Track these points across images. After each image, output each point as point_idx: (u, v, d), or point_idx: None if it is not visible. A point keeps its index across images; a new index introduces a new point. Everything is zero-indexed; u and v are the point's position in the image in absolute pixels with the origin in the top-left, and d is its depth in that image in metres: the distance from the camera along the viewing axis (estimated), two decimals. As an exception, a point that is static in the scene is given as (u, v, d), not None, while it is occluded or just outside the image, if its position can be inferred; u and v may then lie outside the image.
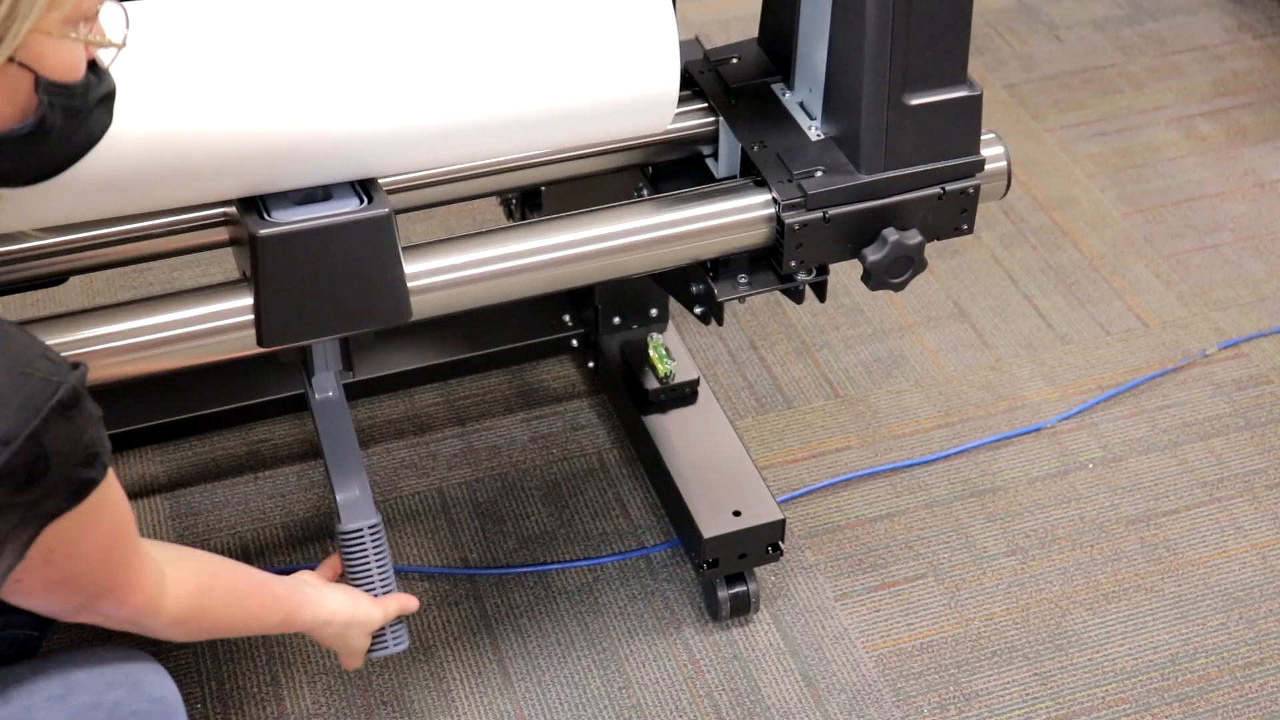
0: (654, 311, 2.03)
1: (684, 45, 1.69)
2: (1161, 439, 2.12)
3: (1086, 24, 2.90)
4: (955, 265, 2.38)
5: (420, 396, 2.13)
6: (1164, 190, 2.53)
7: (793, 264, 1.54)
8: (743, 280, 1.59)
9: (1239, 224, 2.47)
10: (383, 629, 1.59)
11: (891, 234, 1.53)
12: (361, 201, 1.38)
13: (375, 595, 1.58)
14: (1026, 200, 2.50)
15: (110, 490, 1.19)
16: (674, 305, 2.04)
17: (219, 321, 1.39)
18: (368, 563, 1.58)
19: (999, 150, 1.62)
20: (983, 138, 1.60)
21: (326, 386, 1.61)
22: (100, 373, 1.37)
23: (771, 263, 1.56)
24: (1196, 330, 2.28)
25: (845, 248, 1.54)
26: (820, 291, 1.62)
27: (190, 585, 1.36)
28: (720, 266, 1.58)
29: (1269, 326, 2.28)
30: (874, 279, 1.55)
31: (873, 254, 1.54)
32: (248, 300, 1.40)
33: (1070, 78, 2.77)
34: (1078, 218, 2.48)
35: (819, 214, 1.51)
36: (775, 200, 1.52)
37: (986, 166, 1.59)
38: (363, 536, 1.57)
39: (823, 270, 1.59)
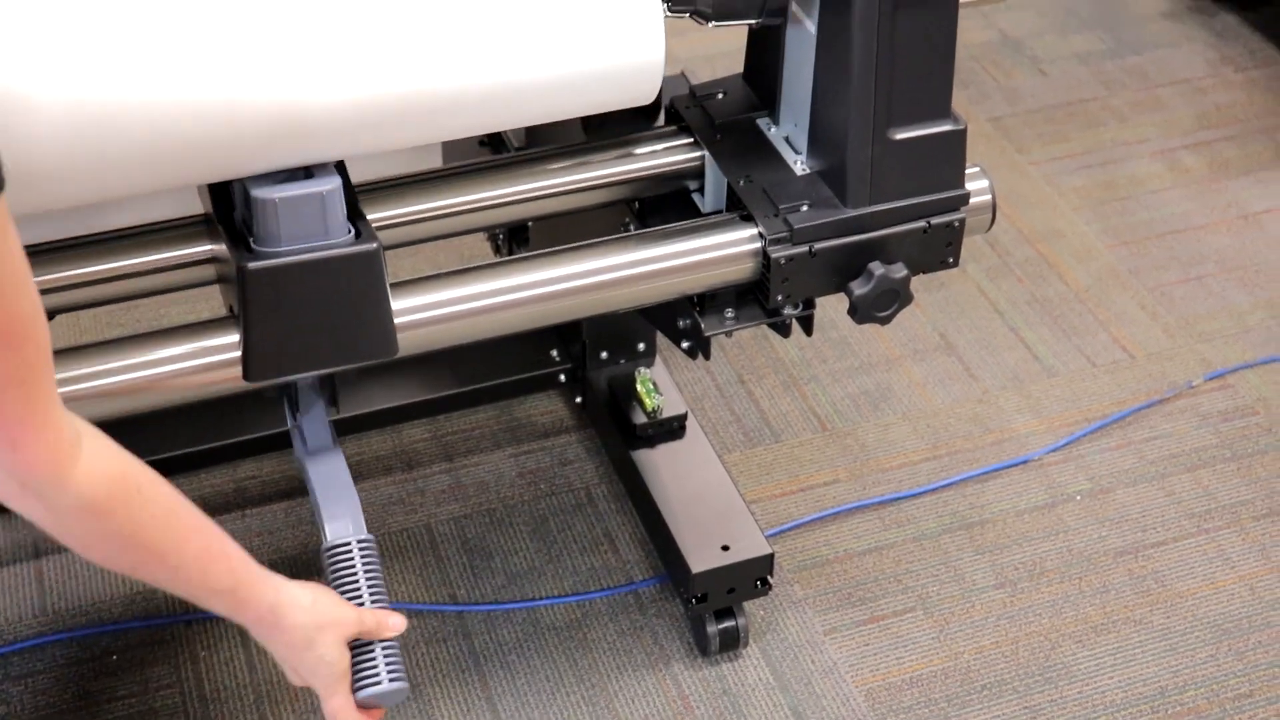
0: (641, 346, 2.03)
1: (670, 80, 1.70)
2: (1149, 470, 2.12)
3: (1070, 58, 2.92)
4: (941, 298, 2.39)
5: (408, 432, 2.13)
6: (1148, 223, 2.55)
7: (779, 298, 1.54)
8: (729, 315, 1.59)
9: (1223, 256, 2.48)
10: (373, 652, 1.41)
11: (877, 268, 1.53)
12: (349, 232, 1.38)
13: None
14: (1012, 233, 2.51)
15: (5, 230, 0.99)
16: (661, 339, 2.04)
17: (206, 358, 1.39)
18: (357, 584, 1.45)
19: (984, 184, 1.63)
20: (967, 171, 1.61)
21: (312, 414, 1.59)
22: (88, 411, 1.36)
23: (758, 297, 1.56)
24: (1182, 362, 2.29)
25: (831, 281, 1.55)
26: (807, 325, 1.62)
27: (114, 469, 1.16)
28: (707, 301, 1.58)
29: (1254, 358, 2.29)
30: (860, 313, 1.56)
31: (859, 288, 1.54)
32: (234, 336, 1.39)
33: (1054, 111, 2.79)
34: (1063, 250, 2.49)
35: (805, 248, 1.52)
36: (761, 235, 1.52)
37: (971, 200, 1.60)
38: (350, 552, 1.47)
39: (809, 304, 1.60)
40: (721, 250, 1.53)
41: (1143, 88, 2.85)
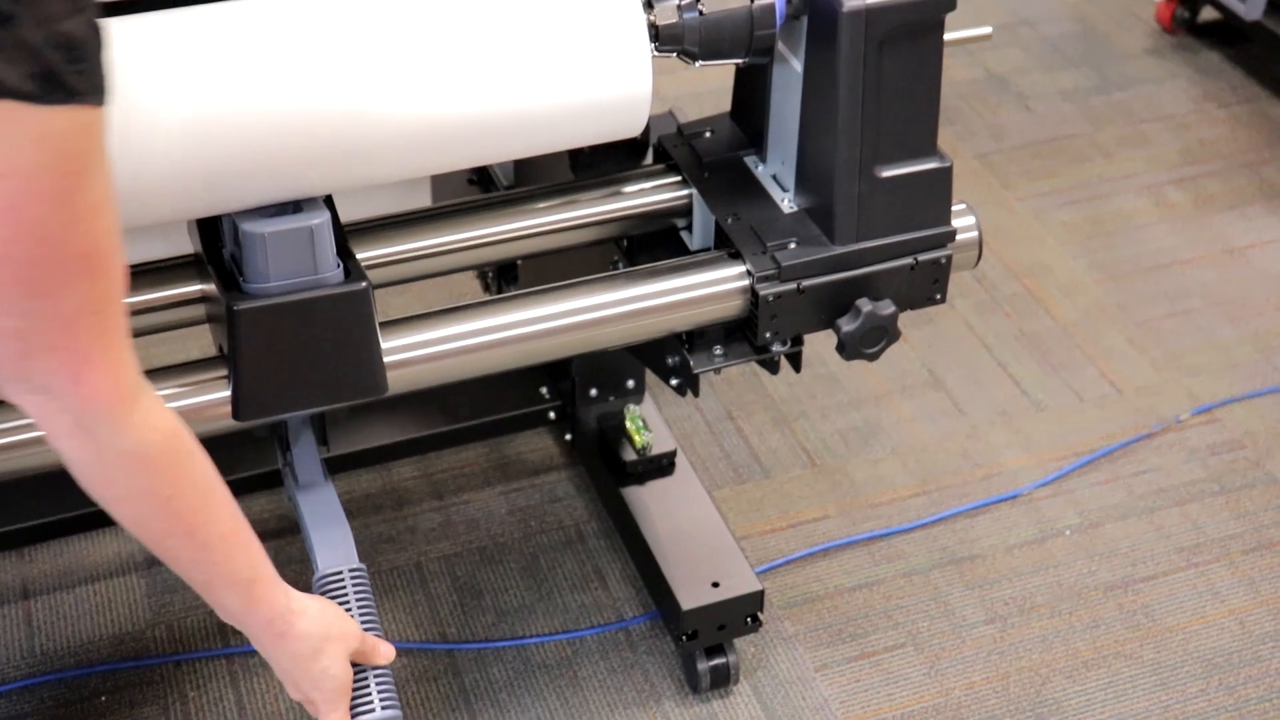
0: (631, 383, 2.03)
1: (658, 119, 1.71)
2: (1138, 505, 2.12)
3: (1055, 94, 2.94)
4: (930, 334, 2.40)
5: (398, 470, 2.13)
6: (1135, 257, 2.56)
7: (767, 335, 1.54)
8: (718, 352, 1.59)
9: (1209, 290, 2.49)
10: (366, 681, 1.42)
11: (865, 304, 1.54)
12: (338, 267, 1.39)
13: None
14: (999, 268, 2.52)
15: (101, 149, 1.00)
16: (651, 376, 2.05)
17: (195, 398, 1.39)
18: (349, 613, 1.45)
19: (970, 220, 1.64)
20: (954, 208, 1.62)
21: (303, 451, 1.59)
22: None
23: (746, 334, 1.57)
24: (1170, 396, 2.30)
25: (819, 318, 1.56)
26: (795, 362, 1.63)
27: (170, 424, 1.15)
28: (695, 338, 1.59)
29: (1241, 392, 2.30)
30: (848, 349, 1.56)
31: (847, 324, 1.55)
32: (224, 375, 1.40)
33: (1040, 147, 2.81)
34: (1050, 285, 2.50)
35: (793, 285, 1.52)
36: (749, 272, 1.53)
37: (958, 237, 1.61)
38: (343, 581, 1.47)
39: (797, 341, 1.60)
40: (710, 288, 1.54)
41: (1128, 124, 2.87)
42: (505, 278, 2.05)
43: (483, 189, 1.94)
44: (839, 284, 1.54)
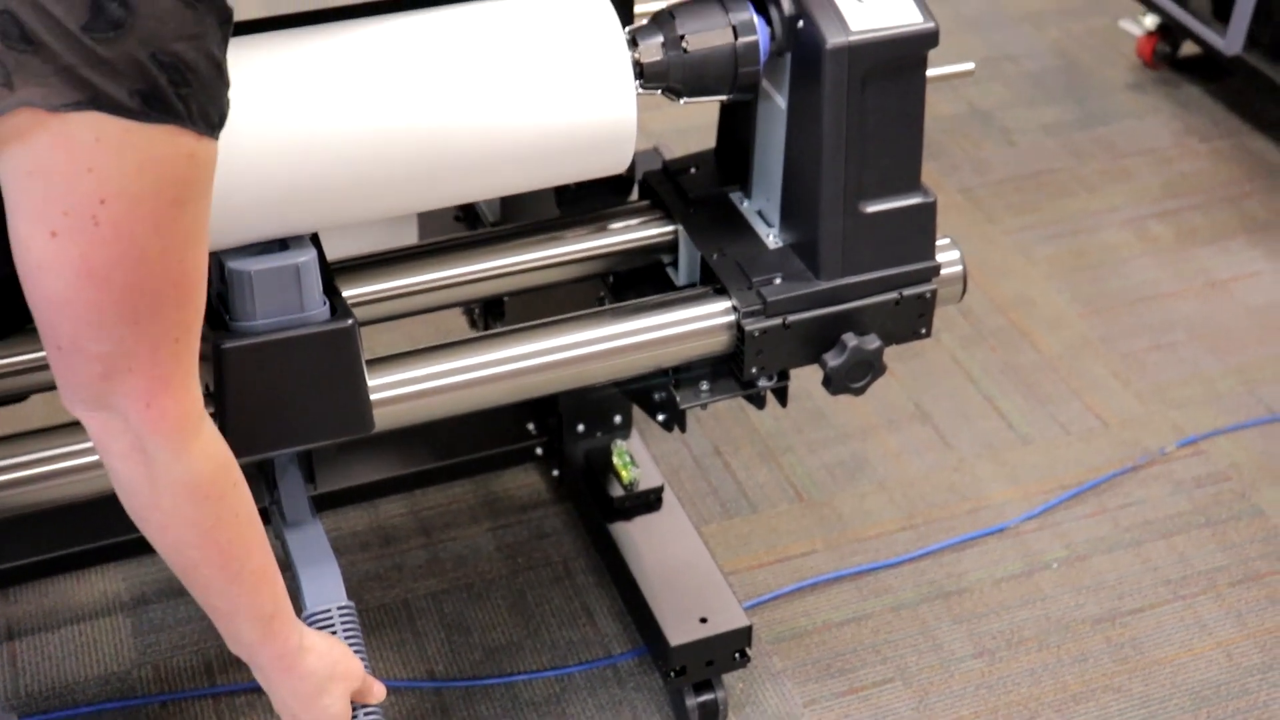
0: (618, 419, 2.03)
1: (643, 155, 1.72)
2: (1124, 537, 2.13)
3: (1038, 129, 2.96)
4: (916, 367, 2.40)
5: (385, 507, 2.12)
6: (1119, 290, 2.57)
7: (754, 370, 1.55)
8: (704, 387, 1.60)
9: (1193, 323, 2.50)
10: (355, 718, 1.42)
11: (851, 339, 1.55)
12: (324, 304, 1.39)
13: None
14: (984, 302, 2.53)
15: (204, 181, 1.02)
16: (638, 411, 2.05)
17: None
18: None
19: (955, 255, 1.64)
20: (938, 243, 1.63)
21: (290, 489, 1.59)
22: (65, 491, 1.36)
23: (732, 369, 1.57)
24: (1155, 428, 2.30)
25: (805, 353, 1.56)
26: (782, 397, 1.63)
27: (224, 456, 1.18)
28: (682, 374, 1.59)
29: (1225, 424, 2.31)
30: (834, 384, 1.57)
31: (833, 359, 1.55)
32: (210, 413, 1.39)
33: (1024, 181, 2.82)
34: (1035, 319, 2.51)
35: (779, 320, 1.53)
36: (735, 308, 1.53)
37: (943, 271, 1.62)
38: (331, 618, 1.47)
39: (784, 375, 1.61)
40: (696, 324, 1.54)
41: (1110, 158, 2.88)
42: (492, 314, 2.06)
43: (469, 226, 1.94)
44: (824, 319, 1.54)
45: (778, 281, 1.54)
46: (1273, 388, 2.37)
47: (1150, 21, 3.05)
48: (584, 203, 1.70)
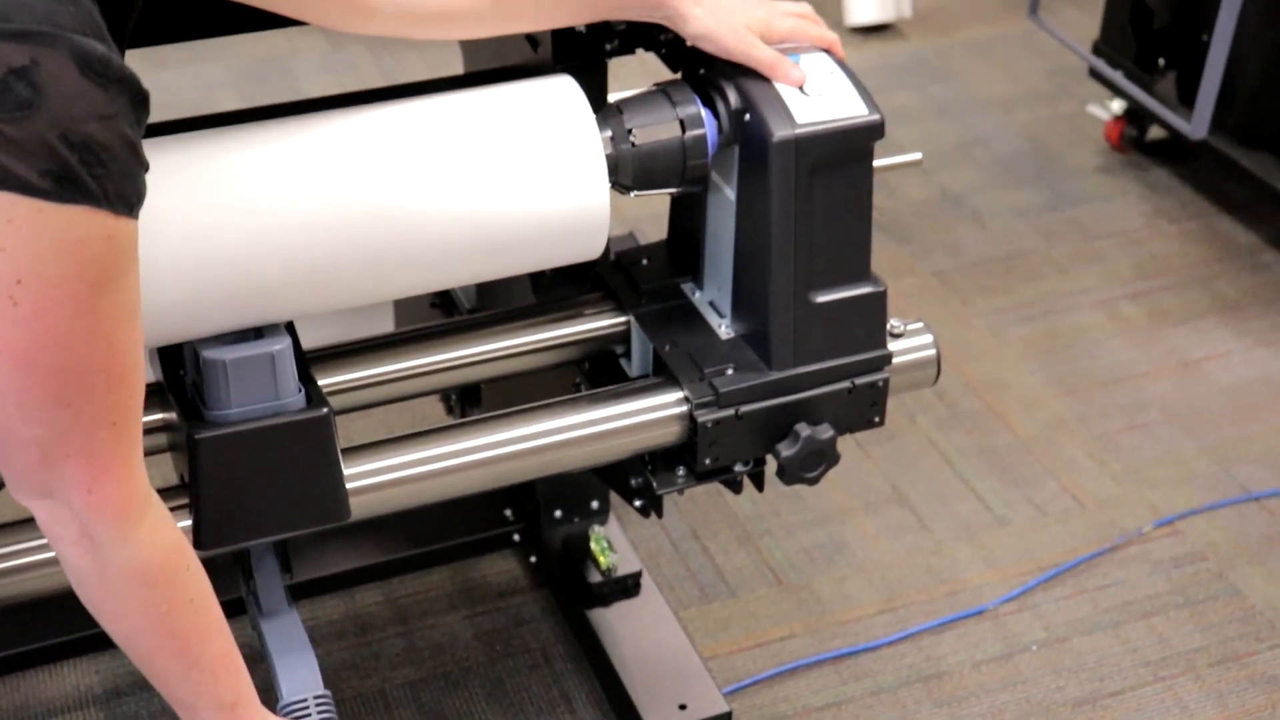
0: (595, 504, 2.03)
1: (618, 240, 1.73)
2: (1103, 619, 2.13)
3: (1009, 212, 2.99)
4: (892, 450, 2.41)
5: (361, 596, 2.11)
6: (1092, 371, 2.59)
7: (707, 461, 1.54)
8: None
9: (1166, 403, 2.52)
10: None
11: (804, 429, 1.53)
12: (299, 391, 1.39)
13: None
14: (959, 384, 2.55)
15: (124, 262, 1.00)
16: (615, 496, 2.05)
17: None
18: None
19: (928, 339, 1.65)
20: (911, 326, 1.64)
21: (266, 578, 1.58)
22: (37, 585, 1.35)
23: (686, 461, 1.56)
24: (1131, 509, 2.31)
25: (758, 443, 1.55)
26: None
27: (174, 540, 1.16)
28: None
29: (1202, 503, 2.32)
30: (788, 474, 1.55)
31: (786, 449, 1.54)
32: (185, 504, 1.39)
33: (996, 264, 2.85)
34: (1010, 400, 2.52)
35: (731, 411, 1.52)
36: (687, 399, 1.52)
37: (917, 354, 1.63)
38: (308, 709, 1.46)
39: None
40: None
41: (1081, 240, 2.91)
42: (468, 401, 2.06)
43: (445, 313, 1.95)
44: (777, 409, 1.53)
45: (730, 372, 1.53)
46: (1247, 467, 2.38)
47: (1117, 106, 3.10)
48: (559, 289, 1.70)
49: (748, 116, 1.47)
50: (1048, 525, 2.28)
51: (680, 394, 1.53)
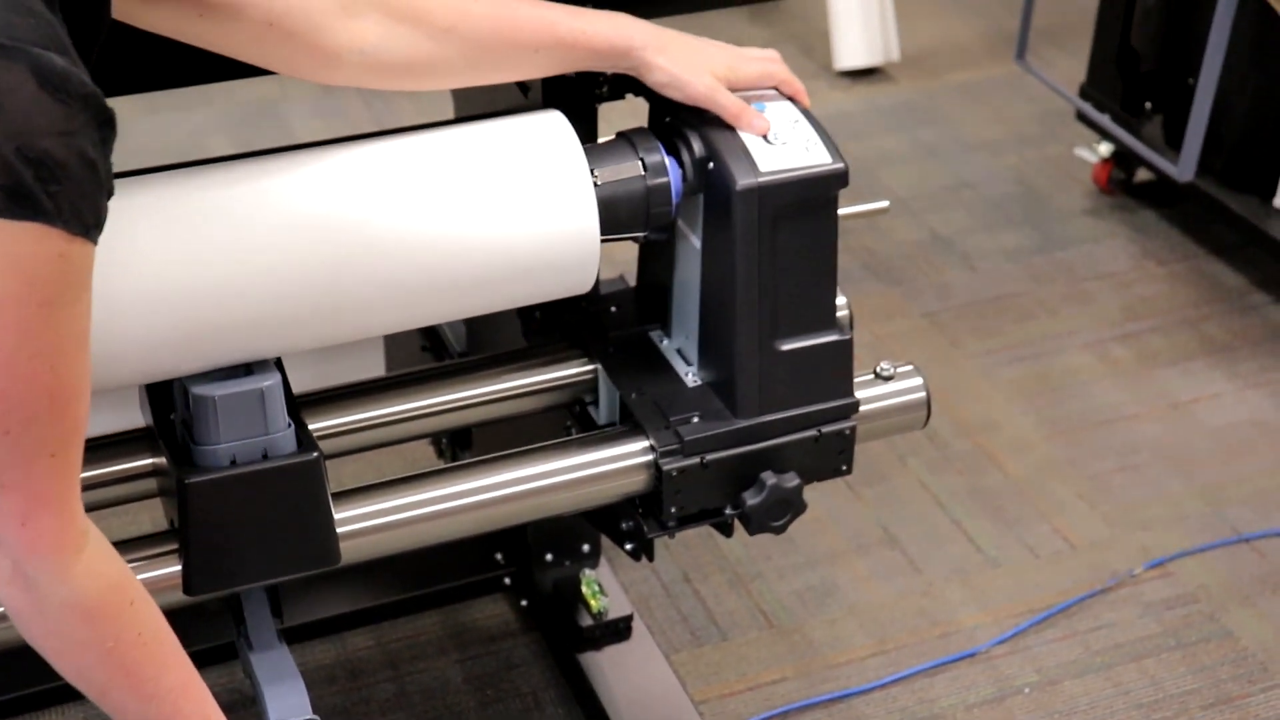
0: (586, 547, 2.03)
1: (608, 284, 1.73)
2: (1095, 661, 2.12)
3: (998, 254, 3.00)
4: (883, 492, 2.41)
5: (351, 640, 2.10)
6: (1082, 413, 2.59)
7: (673, 510, 1.52)
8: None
9: (1156, 444, 2.52)
10: None
11: (770, 477, 1.52)
12: (288, 426, 1.39)
13: None
14: (950, 425, 2.55)
15: (76, 285, 0.96)
16: (606, 539, 2.04)
17: (146, 573, 1.38)
18: None
19: (918, 381, 1.65)
20: (901, 369, 1.64)
21: (257, 621, 1.57)
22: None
23: (651, 510, 1.54)
24: (1122, 550, 2.31)
25: (724, 492, 1.53)
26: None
27: (115, 575, 1.11)
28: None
29: (1193, 545, 2.32)
30: (754, 523, 1.54)
31: (751, 498, 1.52)
32: (174, 550, 1.39)
33: (986, 306, 2.86)
34: (1000, 442, 2.52)
35: (696, 460, 1.50)
36: (653, 447, 1.51)
37: (907, 397, 1.63)
38: None
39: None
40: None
41: (1070, 282, 2.92)
42: (459, 444, 2.06)
43: (435, 356, 1.95)
44: (743, 458, 1.51)
45: (695, 420, 1.52)
46: (1238, 508, 2.39)
47: (1105, 149, 3.12)
48: (551, 333, 1.70)
49: (712, 165, 1.46)
50: (1039, 567, 2.28)
51: (646, 442, 1.51)
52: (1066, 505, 2.40)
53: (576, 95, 1.55)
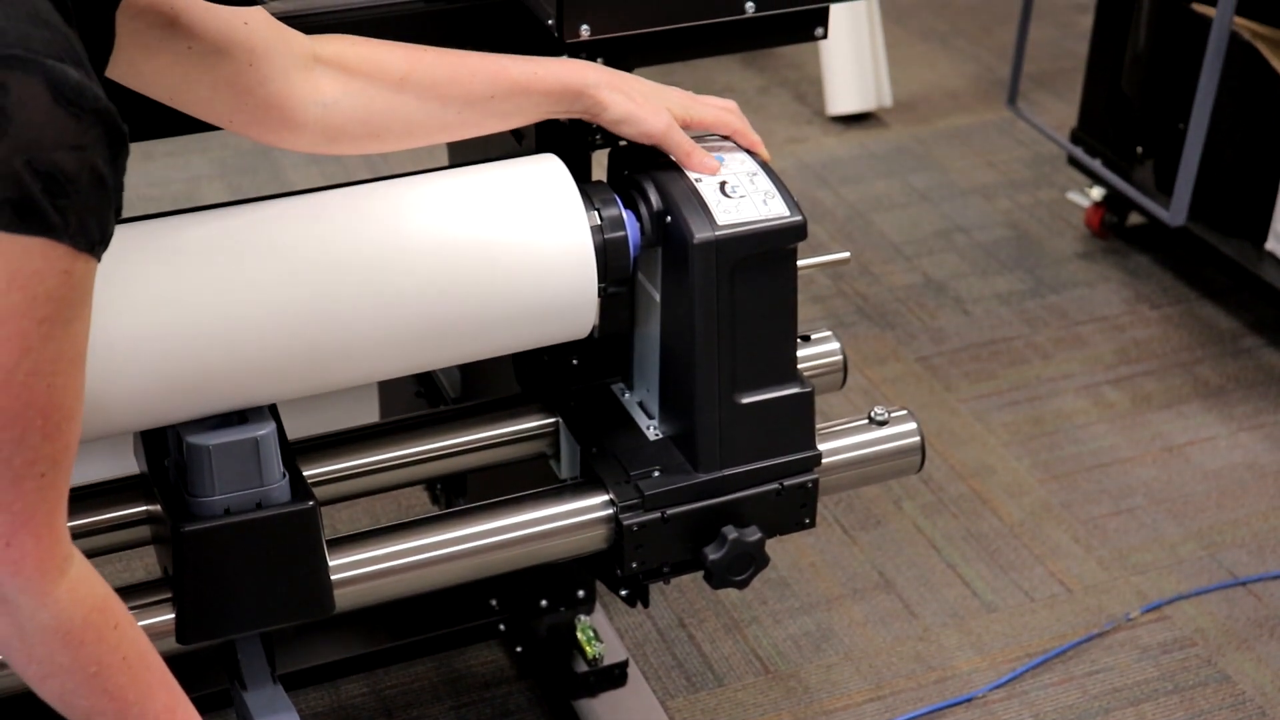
0: (580, 593, 2.02)
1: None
2: (1092, 706, 2.11)
3: (992, 298, 3.01)
4: (878, 536, 2.41)
5: (345, 688, 2.09)
6: (1077, 456, 2.59)
7: (633, 565, 1.51)
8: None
9: (1151, 488, 2.52)
10: None
11: (731, 531, 1.50)
12: (283, 477, 1.38)
13: None
14: (945, 470, 2.55)
15: (78, 302, 0.95)
16: (601, 585, 2.04)
17: (139, 622, 1.37)
18: None
19: (912, 426, 1.65)
20: (895, 414, 1.64)
21: (252, 669, 1.56)
22: (12, 681, 1.34)
23: (612, 565, 1.53)
24: (1118, 594, 2.31)
25: (685, 547, 1.52)
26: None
27: (98, 598, 1.10)
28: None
29: (1189, 588, 2.31)
30: (716, 578, 1.52)
31: (713, 553, 1.51)
32: (168, 598, 1.38)
33: (979, 350, 2.86)
34: (995, 486, 2.52)
35: (657, 514, 1.49)
36: (613, 501, 1.50)
37: (901, 442, 1.62)
38: None
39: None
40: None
41: (1063, 325, 2.93)
42: (453, 491, 2.06)
43: (429, 402, 1.95)
44: (704, 511, 1.50)
45: (656, 474, 1.50)
46: (1233, 552, 2.38)
47: (1097, 193, 3.13)
48: (544, 380, 1.70)
49: (669, 218, 1.46)
50: (1035, 611, 2.27)
51: (606, 496, 1.50)
52: (1062, 549, 2.39)
53: (570, 143, 1.55)
